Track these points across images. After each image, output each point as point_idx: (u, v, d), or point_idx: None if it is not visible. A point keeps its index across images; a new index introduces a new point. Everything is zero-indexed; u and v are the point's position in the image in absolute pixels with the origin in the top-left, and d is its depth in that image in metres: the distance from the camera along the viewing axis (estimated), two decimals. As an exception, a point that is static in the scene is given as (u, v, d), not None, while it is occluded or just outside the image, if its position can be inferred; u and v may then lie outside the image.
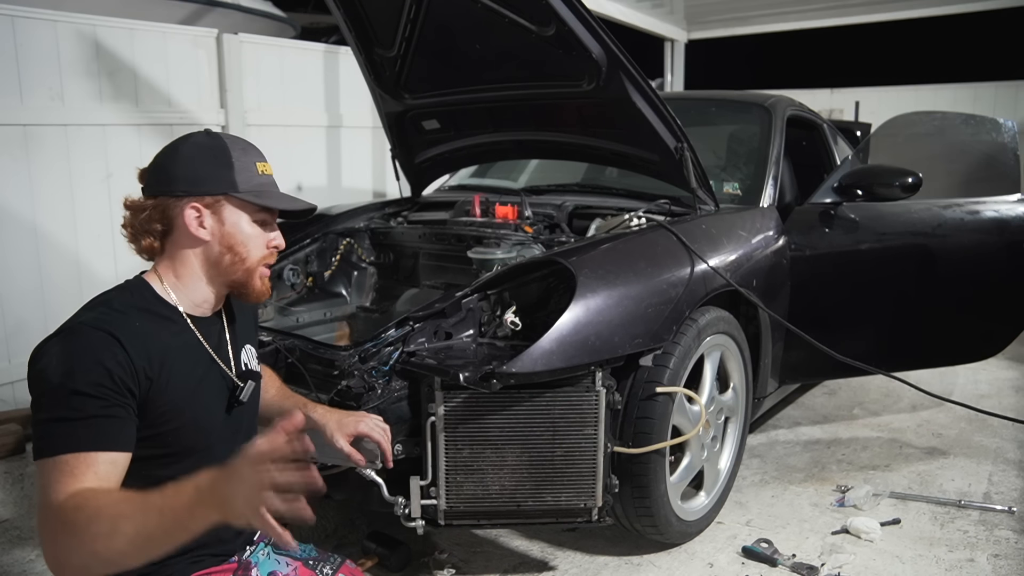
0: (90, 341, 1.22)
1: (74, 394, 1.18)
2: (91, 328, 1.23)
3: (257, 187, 1.39)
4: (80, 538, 1.07)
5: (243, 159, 1.39)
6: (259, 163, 1.41)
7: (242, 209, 1.38)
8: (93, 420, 1.19)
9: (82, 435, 1.18)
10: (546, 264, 2.16)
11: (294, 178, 4.50)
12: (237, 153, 1.39)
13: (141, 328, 1.28)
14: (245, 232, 1.39)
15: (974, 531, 2.52)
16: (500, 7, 2.45)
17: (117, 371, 1.21)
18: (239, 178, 1.37)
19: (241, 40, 4.14)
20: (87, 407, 1.18)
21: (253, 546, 1.52)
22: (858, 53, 12.76)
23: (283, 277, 2.86)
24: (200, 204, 1.35)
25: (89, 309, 1.30)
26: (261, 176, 1.41)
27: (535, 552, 2.39)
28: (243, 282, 1.41)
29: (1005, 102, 6.51)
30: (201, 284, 1.40)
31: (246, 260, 1.39)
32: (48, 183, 3.39)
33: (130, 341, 1.24)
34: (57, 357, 1.21)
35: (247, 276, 1.41)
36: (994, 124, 3.41)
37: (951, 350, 3.25)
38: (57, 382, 1.19)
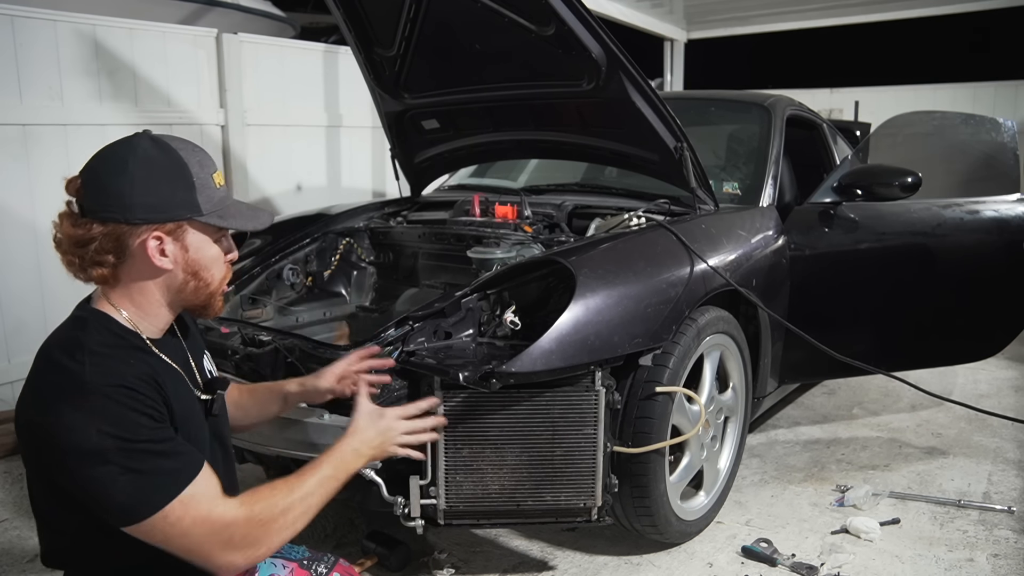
0: (112, 398, 1.15)
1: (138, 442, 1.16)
2: (103, 386, 1.16)
3: (219, 206, 1.30)
4: (283, 526, 1.27)
5: (202, 175, 1.28)
6: (215, 174, 1.31)
7: (204, 232, 1.30)
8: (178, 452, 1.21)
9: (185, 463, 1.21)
10: (546, 264, 2.16)
11: (294, 178, 4.50)
12: (195, 168, 1.27)
13: (136, 365, 1.22)
14: (209, 256, 1.31)
15: (973, 531, 2.52)
16: (500, 7, 2.45)
17: (155, 414, 1.20)
18: (201, 198, 1.27)
19: (241, 40, 4.14)
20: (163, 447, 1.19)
21: None
22: (858, 53, 12.75)
23: (283, 277, 2.86)
24: (162, 232, 1.24)
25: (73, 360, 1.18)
26: (219, 190, 1.31)
27: (535, 552, 2.39)
28: (205, 304, 1.35)
29: (1004, 102, 6.51)
30: (162, 310, 1.32)
31: (211, 284, 1.33)
32: (47, 183, 3.38)
33: (141, 385, 1.19)
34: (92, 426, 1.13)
35: (210, 298, 1.35)
36: (994, 124, 3.41)
37: (951, 350, 3.25)
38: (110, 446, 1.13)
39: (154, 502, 1.16)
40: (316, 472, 1.35)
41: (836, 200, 2.93)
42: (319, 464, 1.37)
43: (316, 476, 1.34)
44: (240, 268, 2.75)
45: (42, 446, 1.18)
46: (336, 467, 1.39)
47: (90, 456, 1.13)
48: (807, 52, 11.50)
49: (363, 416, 1.49)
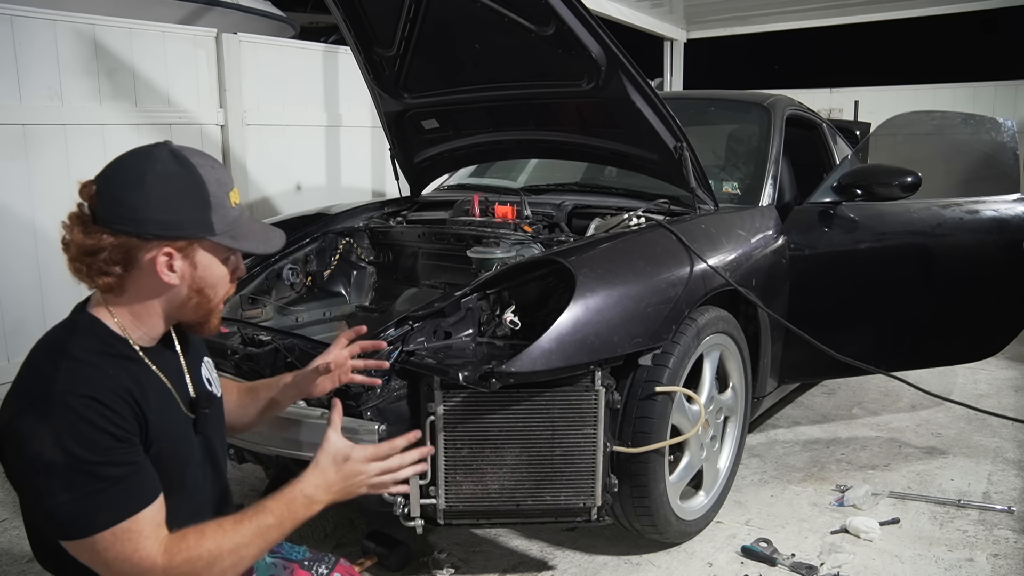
0: (76, 411, 1.13)
1: (91, 465, 1.12)
2: (71, 396, 1.13)
3: (232, 225, 1.27)
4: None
5: (219, 193, 1.26)
6: (231, 192, 1.29)
7: (214, 252, 1.28)
8: (126, 481, 1.15)
9: (127, 498, 1.15)
10: (545, 263, 2.16)
11: (293, 178, 4.50)
12: (213, 187, 1.25)
13: (115, 376, 1.19)
14: (216, 275, 1.29)
15: (973, 531, 2.52)
16: (499, 6, 2.45)
17: (118, 432, 1.16)
18: (215, 218, 1.25)
19: (240, 40, 4.14)
20: (116, 472, 1.14)
21: None
22: (857, 53, 12.75)
23: (282, 276, 2.86)
24: (173, 248, 1.22)
25: (52, 365, 1.17)
26: (234, 210, 1.29)
27: (534, 551, 2.39)
28: (204, 320, 1.32)
29: (1004, 102, 6.50)
30: (159, 322, 1.30)
31: (211, 301, 1.30)
32: (47, 183, 3.38)
33: (109, 397, 1.16)
34: (48, 438, 1.12)
35: (210, 315, 1.32)
36: (993, 123, 3.41)
37: (950, 350, 3.25)
38: (63, 463, 1.11)
39: (87, 526, 1.13)
40: (256, 520, 1.22)
41: (836, 200, 2.93)
42: (262, 510, 1.23)
43: (255, 524, 1.22)
44: (239, 268, 2.74)
45: (6, 449, 1.17)
46: (282, 516, 1.24)
47: (41, 466, 1.12)
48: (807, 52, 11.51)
49: (326, 455, 1.30)
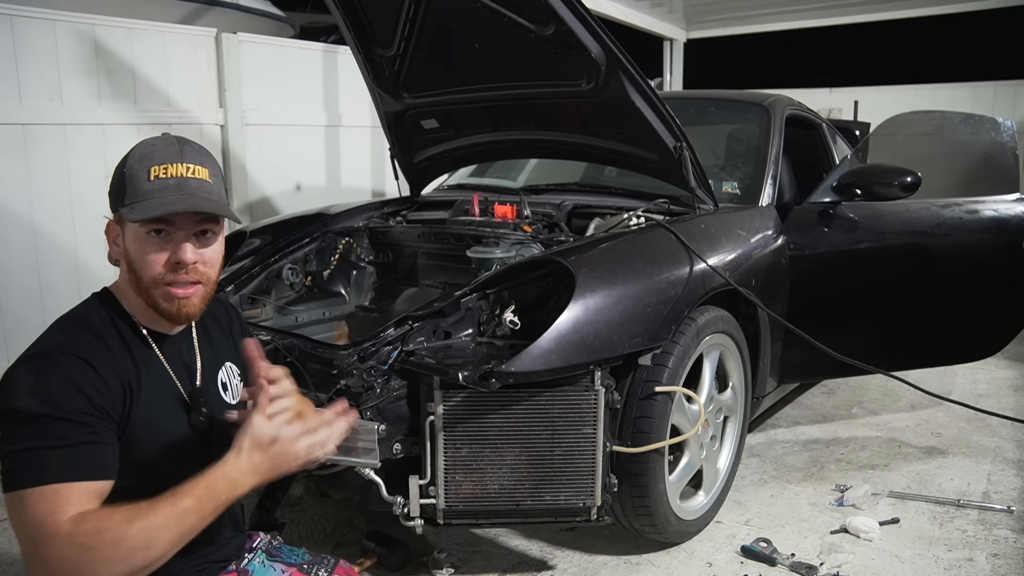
0: (64, 368, 1.17)
1: (54, 421, 1.14)
2: (63, 354, 1.18)
3: (141, 197, 1.24)
4: (109, 559, 1.08)
5: (136, 167, 1.27)
6: (155, 167, 1.26)
7: (135, 227, 1.26)
8: (81, 447, 1.15)
9: (70, 463, 1.13)
10: (545, 263, 2.16)
11: (293, 177, 4.50)
12: (133, 161, 1.28)
13: (113, 347, 1.24)
14: (135, 249, 1.27)
15: (973, 530, 2.52)
16: (499, 6, 2.45)
17: (96, 397, 1.17)
18: (127, 189, 1.26)
19: (240, 39, 4.13)
20: (73, 434, 1.14)
21: (251, 553, 1.52)
22: (857, 52, 12.75)
23: (282, 276, 2.86)
24: (113, 222, 1.30)
25: (59, 330, 1.25)
26: (151, 183, 1.25)
27: (534, 551, 2.39)
28: (150, 302, 1.29)
29: (1004, 101, 6.50)
30: (140, 303, 1.31)
31: (141, 280, 1.27)
32: (47, 182, 3.38)
33: (103, 365, 1.20)
34: (30, 385, 1.16)
35: (147, 294, 1.28)
36: (993, 123, 3.41)
37: (950, 349, 3.25)
38: (34, 410, 1.13)
39: (26, 478, 1.12)
40: (172, 502, 1.13)
41: (835, 200, 2.93)
42: (180, 493, 1.14)
43: (170, 507, 1.13)
44: (239, 268, 2.75)
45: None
46: (201, 499, 1.14)
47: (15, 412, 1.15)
48: (806, 52, 11.51)
49: (248, 438, 1.18)
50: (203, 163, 1.31)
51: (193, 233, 1.28)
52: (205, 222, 1.29)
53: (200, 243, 1.30)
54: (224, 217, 1.32)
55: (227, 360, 1.48)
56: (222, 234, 1.36)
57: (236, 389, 1.48)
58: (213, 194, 1.30)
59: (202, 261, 1.30)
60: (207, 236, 1.31)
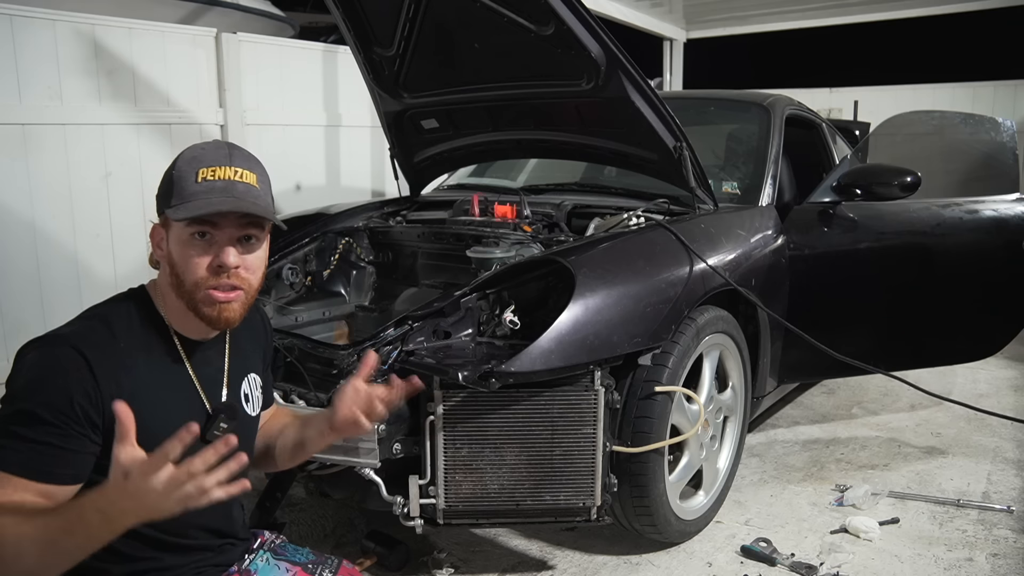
0: (61, 361, 1.17)
1: (30, 415, 1.13)
2: (68, 347, 1.18)
3: (188, 198, 1.24)
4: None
5: (185, 168, 1.27)
6: (204, 168, 1.26)
7: (180, 229, 1.26)
8: (42, 447, 1.13)
9: (27, 459, 1.13)
10: (545, 263, 2.16)
11: (293, 177, 4.49)
12: (181, 163, 1.28)
13: (125, 350, 1.22)
14: (178, 252, 1.27)
15: (973, 530, 2.52)
16: (499, 6, 2.44)
17: (81, 400, 1.16)
18: (174, 191, 1.26)
19: (240, 39, 4.13)
20: (39, 431, 1.13)
21: (252, 554, 1.52)
22: (857, 52, 12.74)
23: (282, 276, 2.86)
24: (158, 224, 1.30)
25: (82, 319, 1.26)
26: (198, 184, 1.25)
27: (534, 551, 2.39)
28: (192, 306, 1.28)
29: (1004, 101, 6.50)
30: (178, 306, 1.30)
31: (183, 283, 1.27)
32: (47, 182, 3.38)
33: (102, 364, 1.18)
34: (29, 368, 1.18)
35: (189, 298, 1.27)
36: (993, 123, 3.41)
37: (950, 349, 3.25)
38: (19, 394, 1.15)
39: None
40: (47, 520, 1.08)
41: (835, 200, 2.93)
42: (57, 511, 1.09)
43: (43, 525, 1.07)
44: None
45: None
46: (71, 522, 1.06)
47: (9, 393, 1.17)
48: (806, 52, 11.50)
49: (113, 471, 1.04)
50: (252, 168, 1.32)
51: (237, 238, 1.28)
52: (249, 227, 1.28)
53: (243, 248, 1.29)
54: (268, 224, 1.32)
55: (252, 371, 1.47)
56: (266, 241, 1.35)
57: (256, 401, 1.47)
58: (259, 199, 1.30)
59: (244, 267, 1.29)
60: (251, 242, 1.31)
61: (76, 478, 1.17)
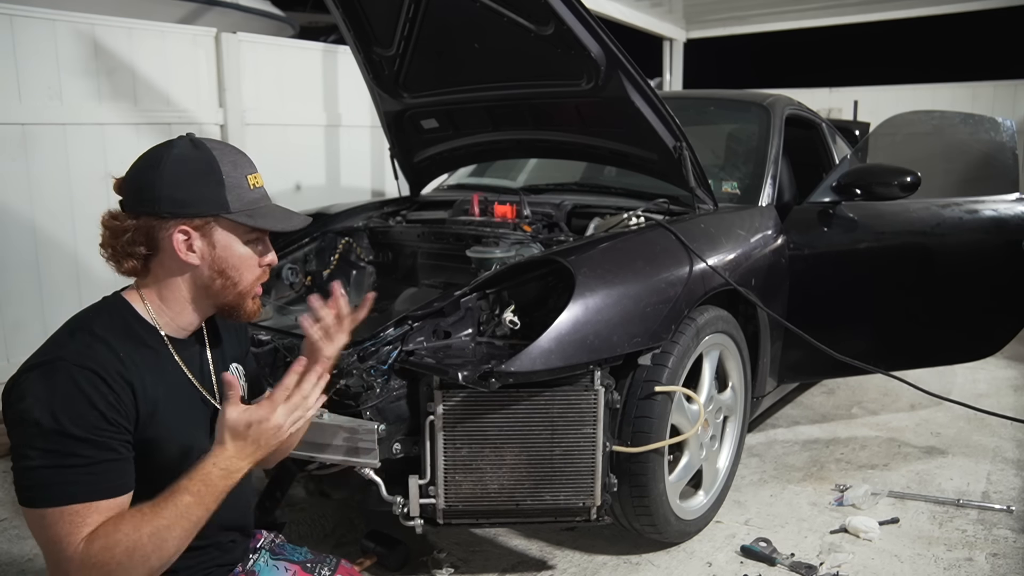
0: (76, 381, 1.16)
1: (71, 439, 1.14)
2: (75, 366, 1.17)
3: (250, 205, 1.30)
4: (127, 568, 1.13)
5: (233, 174, 1.29)
6: (250, 176, 1.32)
7: (233, 231, 1.30)
8: (97, 467, 1.15)
9: (89, 483, 1.15)
10: (545, 263, 2.16)
11: (293, 177, 4.49)
12: (227, 167, 1.29)
13: (126, 359, 1.22)
14: (238, 255, 1.31)
15: (972, 530, 2.52)
16: (499, 6, 2.45)
17: (110, 412, 1.17)
18: (230, 196, 1.28)
19: (240, 39, 4.13)
20: (88, 453, 1.15)
21: (256, 554, 1.52)
22: (857, 52, 12.76)
23: (282, 276, 2.86)
24: (189, 227, 1.26)
25: (70, 336, 1.23)
26: (253, 191, 1.31)
27: (534, 551, 2.39)
28: (234, 305, 1.34)
29: (1003, 101, 6.50)
30: (188, 308, 1.32)
31: (239, 284, 1.32)
32: (46, 182, 3.38)
33: (115, 378, 1.19)
34: (43, 399, 1.15)
35: (239, 299, 1.33)
36: (992, 123, 3.41)
37: (950, 349, 3.25)
38: (48, 427, 1.13)
39: (45, 497, 1.13)
40: (173, 501, 1.16)
41: (835, 200, 2.93)
42: (178, 490, 1.17)
43: (173, 507, 1.16)
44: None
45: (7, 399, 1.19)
46: (200, 492, 1.17)
47: (29, 424, 1.14)
48: (806, 52, 11.51)
49: (226, 430, 1.21)
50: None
51: None
52: None
53: None
54: None
55: (233, 360, 1.49)
56: None
57: (244, 388, 1.48)
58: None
59: None
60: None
61: (132, 485, 1.21)
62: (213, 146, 1.31)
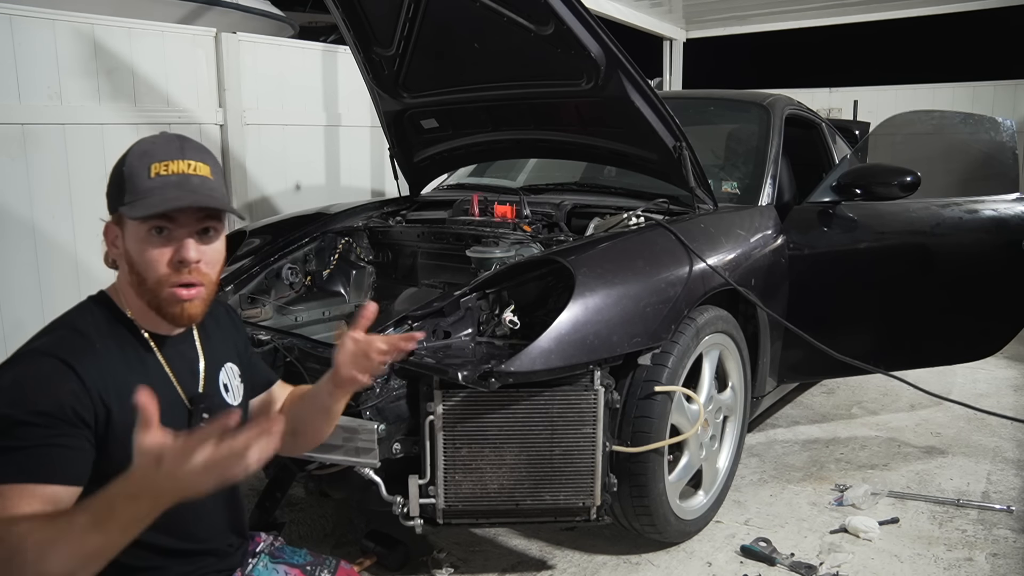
0: (41, 370, 1.14)
1: (19, 424, 1.10)
2: (44, 355, 1.16)
3: (142, 194, 1.22)
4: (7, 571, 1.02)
5: (136, 164, 1.24)
6: (156, 164, 1.24)
7: (136, 226, 1.23)
8: (36, 449, 1.11)
9: (22, 464, 1.10)
10: (545, 263, 2.16)
11: (292, 177, 4.49)
12: (132, 159, 1.25)
13: (102, 351, 1.21)
14: (137, 250, 1.24)
15: (972, 530, 2.52)
16: (499, 6, 2.45)
17: (69, 401, 1.14)
18: (127, 187, 1.23)
19: (239, 39, 4.13)
20: (31, 436, 1.11)
21: (255, 558, 1.52)
22: (856, 52, 12.75)
23: (282, 276, 2.86)
24: (112, 223, 1.27)
25: (48, 331, 1.23)
26: (151, 180, 1.23)
27: (534, 551, 2.39)
28: (155, 304, 1.26)
29: (1003, 101, 6.50)
30: (141, 304, 1.28)
31: (145, 281, 1.25)
32: (46, 182, 3.38)
33: (86, 368, 1.16)
34: (6, 386, 1.14)
35: (153, 296, 1.25)
36: (992, 123, 3.41)
37: (950, 349, 3.25)
38: (3, 412, 1.11)
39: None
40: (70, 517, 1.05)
41: (835, 199, 2.93)
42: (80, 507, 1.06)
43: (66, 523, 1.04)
44: (239, 267, 2.75)
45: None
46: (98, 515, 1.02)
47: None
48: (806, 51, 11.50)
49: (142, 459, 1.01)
50: (204, 160, 1.29)
51: (195, 231, 1.25)
52: (207, 219, 1.26)
53: (202, 241, 1.27)
54: (225, 216, 1.30)
55: (227, 360, 1.46)
56: (223, 233, 1.33)
57: (237, 390, 1.46)
58: (215, 191, 1.28)
59: (204, 260, 1.27)
60: (209, 234, 1.28)
61: (78, 478, 1.14)
62: (145, 139, 1.28)
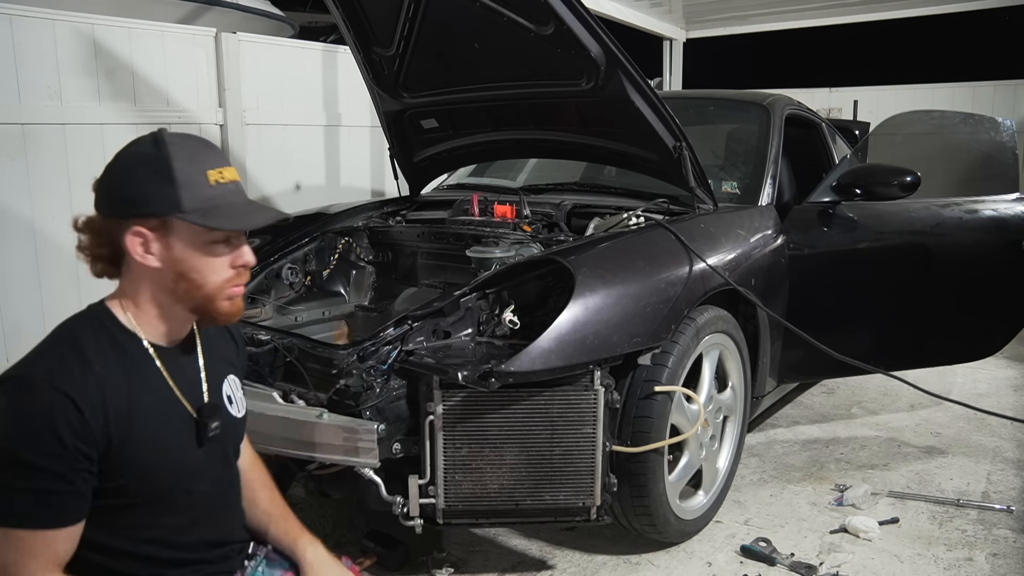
0: (43, 402, 1.12)
1: (23, 464, 1.11)
2: (46, 386, 1.13)
3: (207, 202, 1.21)
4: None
5: (188, 170, 1.20)
6: (211, 171, 1.23)
7: (191, 231, 1.21)
8: (47, 496, 1.12)
9: (37, 512, 1.12)
10: (544, 263, 2.16)
11: (292, 177, 4.49)
12: (181, 163, 1.20)
13: (101, 372, 1.18)
14: (197, 257, 1.22)
15: (972, 530, 2.52)
16: (499, 6, 2.45)
17: (70, 438, 1.12)
18: (184, 195, 1.19)
19: (239, 39, 4.13)
20: (40, 480, 1.12)
21: (253, 560, 1.51)
22: (856, 52, 12.75)
23: (282, 276, 2.86)
24: (143, 228, 1.20)
25: (48, 349, 1.20)
26: (213, 188, 1.22)
27: (533, 551, 2.39)
28: (205, 308, 1.26)
29: (1003, 101, 6.49)
30: (161, 313, 1.26)
31: (203, 287, 1.24)
32: (46, 182, 3.38)
33: (87, 400, 1.15)
34: (5, 416, 1.12)
35: (208, 302, 1.25)
36: (992, 123, 3.41)
37: (950, 349, 3.25)
38: (4, 444, 1.11)
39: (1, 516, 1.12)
40: None
41: (835, 199, 2.93)
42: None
43: None
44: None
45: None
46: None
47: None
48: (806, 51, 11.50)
49: None
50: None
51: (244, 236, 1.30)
52: None
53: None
54: None
55: (230, 371, 1.45)
56: None
57: (240, 402, 1.46)
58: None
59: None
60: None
61: (78, 518, 1.17)
62: (173, 140, 1.23)
